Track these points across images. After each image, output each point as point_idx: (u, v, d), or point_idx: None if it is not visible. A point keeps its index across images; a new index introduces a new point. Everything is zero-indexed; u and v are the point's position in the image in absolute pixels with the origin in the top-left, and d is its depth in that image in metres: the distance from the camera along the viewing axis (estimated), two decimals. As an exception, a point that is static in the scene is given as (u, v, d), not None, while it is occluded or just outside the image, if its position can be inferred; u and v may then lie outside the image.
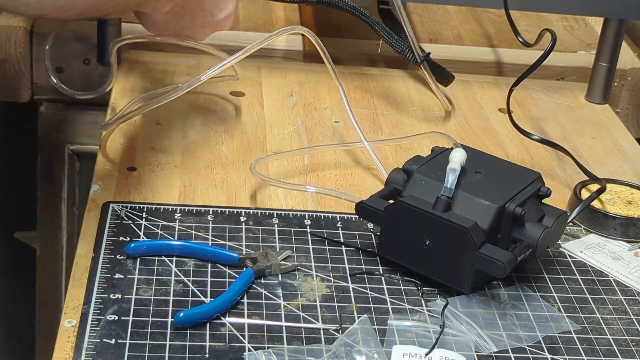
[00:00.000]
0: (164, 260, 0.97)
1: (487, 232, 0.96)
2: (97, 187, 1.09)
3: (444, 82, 1.35)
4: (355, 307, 0.94)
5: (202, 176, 1.13)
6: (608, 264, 1.06)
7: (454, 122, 1.33)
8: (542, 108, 1.39)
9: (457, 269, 0.96)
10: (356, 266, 1.00)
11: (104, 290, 0.92)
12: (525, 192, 1.00)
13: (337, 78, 1.19)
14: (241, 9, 1.54)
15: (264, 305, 0.93)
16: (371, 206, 1.00)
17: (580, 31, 1.61)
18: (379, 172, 1.15)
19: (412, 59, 1.31)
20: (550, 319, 0.96)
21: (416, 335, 0.91)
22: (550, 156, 1.26)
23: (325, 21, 1.52)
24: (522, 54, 1.45)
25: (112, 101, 1.27)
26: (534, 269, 1.03)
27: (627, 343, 0.94)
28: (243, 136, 1.23)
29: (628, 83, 1.47)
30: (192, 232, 1.02)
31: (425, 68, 1.32)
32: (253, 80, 1.36)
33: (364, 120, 1.29)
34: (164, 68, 1.36)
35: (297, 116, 1.29)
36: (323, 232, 1.05)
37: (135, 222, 1.03)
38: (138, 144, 1.18)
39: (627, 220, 1.10)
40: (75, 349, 0.85)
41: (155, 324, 0.89)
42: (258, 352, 0.87)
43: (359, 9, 1.30)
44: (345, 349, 0.88)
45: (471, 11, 1.63)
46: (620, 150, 1.31)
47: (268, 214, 1.07)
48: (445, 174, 0.98)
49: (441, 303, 0.95)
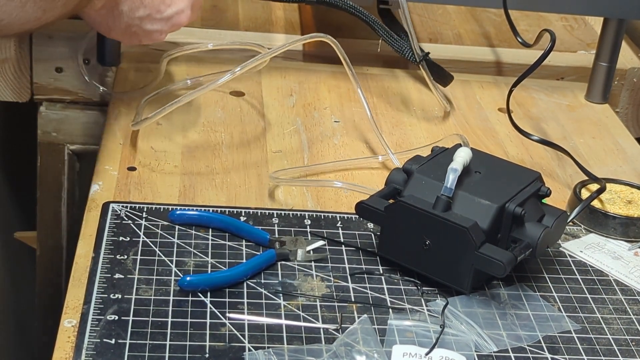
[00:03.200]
0: (164, 260, 0.97)
1: (487, 232, 0.96)
2: (97, 187, 1.09)
3: (443, 82, 1.35)
4: (355, 307, 0.94)
5: (202, 176, 1.13)
6: (608, 263, 1.06)
7: (454, 122, 1.33)
8: (542, 108, 1.39)
9: (457, 269, 0.96)
10: (356, 266, 1.00)
11: (104, 290, 0.92)
12: (525, 192, 1.00)
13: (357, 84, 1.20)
14: (241, 9, 1.54)
15: (264, 305, 0.93)
16: (371, 206, 1.00)
17: (580, 31, 1.61)
18: (381, 174, 1.15)
19: (412, 58, 1.31)
20: (550, 318, 0.96)
21: (416, 335, 0.91)
22: (550, 156, 1.26)
23: (325, 21, 1.52)
24: (522, 54, 1.45)
25: (112, 100, 1.28)
26: (534, 269, 1.03)
27: (627, 343, 0.94)
28: (243, 136, 1.23)
29: (628, 83, 1.47)
30: (192, 232, 1.02)
31: (424, 68, 1.32)
32: (253, 80, 1.36)
33: (363, 120, 1.29)
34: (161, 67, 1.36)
35: (297, 116, 1.29)
36: (323, 232, 1.05)
37: (135, 222, 1.03)
38: (138, 144, 1.18)
39: (627, 220, 1.10)
40: (75, 349, 0.85)
41: (155, 324, 0.89)
42: (258, 352, 0.87)
43: (359, 9, 1.30)
44: (345, 348, 0.88)
45: (471, 11, 1.63)
46: (620, 150, 1.31)
47: (268, 213, 1.07)
48: (445, 173, 0.98)
49: (441, 303, 0.95)
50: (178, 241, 1.01)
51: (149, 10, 1.13)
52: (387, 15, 1.40)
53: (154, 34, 1.16)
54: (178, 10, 1.15)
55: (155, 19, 1.14)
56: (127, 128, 1.20)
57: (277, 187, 1.12)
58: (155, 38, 1.17)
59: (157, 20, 1.14)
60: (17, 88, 1.38)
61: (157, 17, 1.14)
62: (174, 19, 1.15)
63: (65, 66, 1.38)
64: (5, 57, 1.35)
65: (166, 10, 1.14)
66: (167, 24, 1.16)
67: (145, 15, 1.13)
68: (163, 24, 1.15)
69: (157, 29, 1.15)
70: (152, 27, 1.14)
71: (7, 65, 1.36)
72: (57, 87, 1.40)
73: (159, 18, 1.14)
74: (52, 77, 1.39)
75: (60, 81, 1.39)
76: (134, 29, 1.14)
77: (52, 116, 1.43)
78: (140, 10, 1.12)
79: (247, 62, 1.14)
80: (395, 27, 1.36)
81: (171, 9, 1.14)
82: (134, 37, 1.16)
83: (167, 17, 1.15)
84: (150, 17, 1.14)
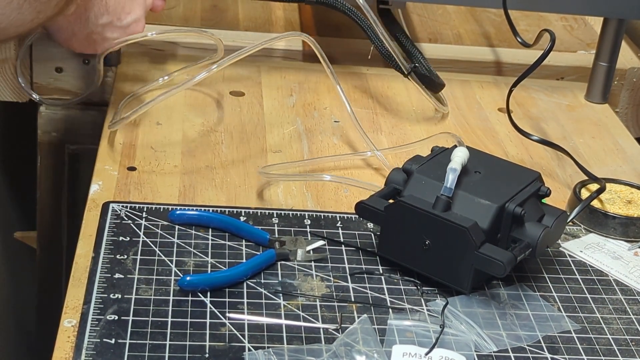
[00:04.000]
0: (164, 260, 0.98)
1: (487, 232, 0.96)
2: (97, 187, 1.09)
3: (434, 90, 1.35)
4: (355, 306, 0.94)
5: (202, 176, 1.13)
6: (608, 263, 1.06)
7: (454, 122, 1.33)
8: (541, 108, 1.39)
9: (457, 269, 0.96)
10: (356, 266, 1.00)
11: (103, 290, 0.92)
12: (525, 192, 1.00)
13: (335, 80, 1.19)
14: (241, 9, 1.54)
15: (263, 305, 0.93)
16: (371, 206, 1.00)
17: (579, 31, 1.61)
18: (380, 173, 1.15)
19: (400, 70, 1.30)
20: (550, 318, 0.96)
21: (416, 335, 0.91)
22: (549, 156, 1.26)
23: (325, 21, 1.52)
24: (522, 54, 1.45)
25: (112, 100, 1.28)
26: (534, 269, 1.03)
27: (626, 342, 0.94)
28: (243, 136, 1.23)
29: (628, 83, 1.47)
30: (192, 232, 1.02)
31: (413, 79, 1.31)
32: (253, 80, 1.36)
33: (363, 120, 1.29)
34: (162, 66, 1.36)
35: (296, 116, 1.29)
36: (323, 232, 1.05)
37: (135, 222, 1.03)
38: (138, 144, 1.18)
39: (626, 220, 1.10)
40: (75, 348, 0.85)
41: (155, 323, 0.89)
42: (258, 352, 0.87)
43: (355, 12, 1.29)
44: (345, 348, 0.88)
45: (471, 11, 1.63)
46: (619, 150, 1.31)
47: (268, 213, 1.07)
48: (445, 173, 0.98)
49: (441, 303, 0.95)
50: (178, 241, 1.01)
51: (111, 17, 1.15)
52: (387, 15, 1.40)
53: (108, 42, 1.18)
54: (136, 18, 1.17)
55: (115, 26, 1.16)
56: (127, 128, 1.20)
57: (278, 187, 1.12)
58: (108, 46, 1.19)
59: (117, 28, 1.16)
60: (17, 88, 1.38)
61: (117, 25, 1.16)
62: (132, 27, 1.18)
63: (65, 66, 1.38)
64: (5, 57, 1.35)
65: (126, 18, 1.16)
66: (125, 32, 1.18)
67: (108, 22, 1.15)
68: (121, 32, 1.18)
69: (115, 36, 1.18)
70: (111, 34, 1.17)
71: (7, 65, 1.36)
72: (57, 87, 1.40)
73: (118, 26, 1.16)
74: (52, 77, 1.39)
75: (60, 81, 1.39)
76: (95, 36, 1.16)
77: (52, 116, 1.43)
78: (105, 17, 1.14)
79: (224, 59, 1.13)
80: (395, 28, 1.36)
81: (130, 16, 1.16)
82: (91, 45, 1.18)
83: (126, 25, 1.17)
84: (111, 24, 1.15)
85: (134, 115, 1.15)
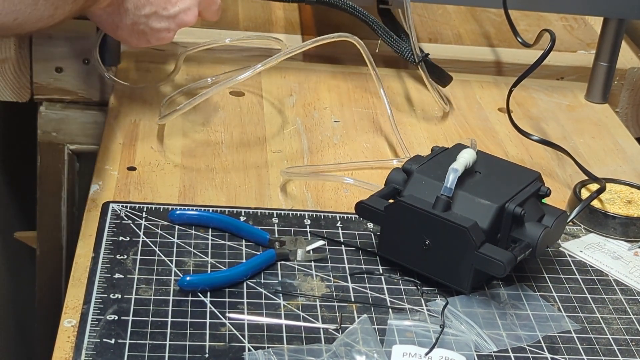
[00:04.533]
0: (164, 260, 0.98)
1: (487, 232, 0.96)
2: (97, 187, 1.09)
3: (442, 83, 1.35)
4: (355, 306, 0.94)
5: (202, 176, 1.13)
6: (608, 263, 1.06)
7: (454, 121, 1.33)
8: (541, 108, 1.39)
9: (457, 269, 0.96)
10: (356, 266, 1.00)
11: (103, 290, 0.92)
12: (525, 192, 1.00)
13: (380, 84, 1.22)
14: (241, 9, 1.54)
15: (263, 305, 0.93)
16: (371, 206, 1.00)
17: (579, 31, 1.61)
18: (381, 174, 1.15)
19: (411, 59, 1.31)
20: (550, 318, 0.96)
21: (416, 335, 0.91)
22: (550, 156, 1.26)
23: (325, 21, 1.52)
24: (522, 54, 1.45)
25: (112, 100, 1.28)
26: (534, 269, 1.03)
27: (626, 342, 0.94)
28: (243, 136, 1.23)
29: (628, 83, 1.47)
30: (192, 231, 1.02)
31: (422, 68, 1.31)
32: (253, 80, 1.36)
33: (363, 119, 1.29)
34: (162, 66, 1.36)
35: (297, 116, 1.29)
36: (323, 232, 1.05)
37: (135, 222, 1.03)
38: (138, 144, 1.18)
39: (626, 220, 1.10)
40: (75, 348, 0.85)
41: (155, 323, 0.89)
42: (258, 352, 0.87)
43: (359, 9, 1.30)
44: (345, 348, 0.88)
45: (471, 11, 1.63)
46: (619, 150, 1.31)
47: (268, 213, 1.07)
48: (445, 173, 0.98)
49: (441, 303, 0.95)
50: (178, 241, 1.01)
51: (154, 8, 1.13)
52: (387, 15, 1.40)
53: (161, 33, 1.16)
54: (184, 8, 1.15)
55: (161, 16, 1.14)
56: (127, 128, 1.20)
57: (278, 187, 1.12)
58: (163, 37, 1.17)
59: (164, 18, 1.14)
60: (17, 88, 1.38)
61: (163, 15, 1.14)
62: (180, 17, 1.15)
63: (65, 66, 1.38)
64: (5, 57, 1.35)
65: (172, 8, 1.14)
66: (174, 22, 1.15)
67: (151, 12, 1.13)
68: (169, 22, 1.15)
69: (164, 27, 1.15)
70: (158, 25, 1.14)
71: (7, 65, 1.36)
72: (57, 87, 1.40)
73: (165, 15, 1.14)
74: (52, 77, 1.39)
75: (60, 81, 1.39)
76: (141, 27, 1.14)
77: (52, 116, 1.43)
78: (147, 8, 1.13)
79: (268, 60, 1.13)
80: (395, 27, 1.36)
81: (177, 6, 1.14)
82: (141, 36, 1.15)
83: (173, 14, 1.15)
84: (156, 14, 1.14)
85: (182, 110, 1.15)
